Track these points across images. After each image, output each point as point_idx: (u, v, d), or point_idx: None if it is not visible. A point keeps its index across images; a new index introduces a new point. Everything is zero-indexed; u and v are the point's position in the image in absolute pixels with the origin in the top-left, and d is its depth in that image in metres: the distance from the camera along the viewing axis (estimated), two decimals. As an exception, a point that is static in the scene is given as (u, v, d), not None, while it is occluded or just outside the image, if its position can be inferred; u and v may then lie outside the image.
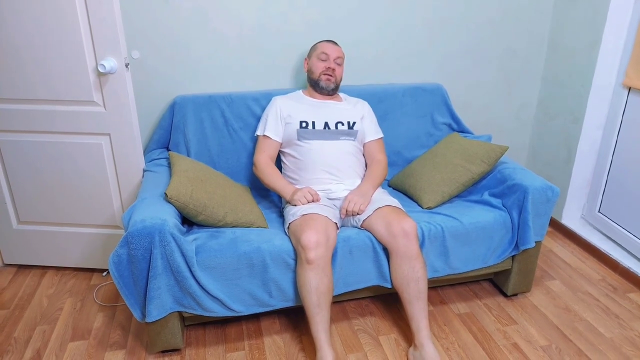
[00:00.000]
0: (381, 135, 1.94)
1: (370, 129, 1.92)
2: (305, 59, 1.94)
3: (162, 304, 1.49)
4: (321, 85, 1.86)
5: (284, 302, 1.62)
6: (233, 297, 1.56)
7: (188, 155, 1.98)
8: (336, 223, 1.64)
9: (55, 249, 2.02)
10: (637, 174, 2.06)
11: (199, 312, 1.55)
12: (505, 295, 1.93)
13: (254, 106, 2.01)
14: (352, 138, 1.85)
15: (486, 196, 1.86)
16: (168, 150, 2.02)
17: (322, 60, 1.85)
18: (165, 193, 1.57)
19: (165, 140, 2.01)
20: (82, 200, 1.91)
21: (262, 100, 2.02)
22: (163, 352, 1.63)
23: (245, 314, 1.60)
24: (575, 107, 2.25)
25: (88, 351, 1.63)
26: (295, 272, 1.57)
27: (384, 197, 1.74)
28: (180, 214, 1.61)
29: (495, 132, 2.49)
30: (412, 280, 1.57)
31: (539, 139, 2.50)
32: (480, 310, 1.85)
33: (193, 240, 1.54)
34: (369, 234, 1.64)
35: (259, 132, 1.88)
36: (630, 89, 2.07)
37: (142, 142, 2.07)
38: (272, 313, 1.81)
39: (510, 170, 1.85)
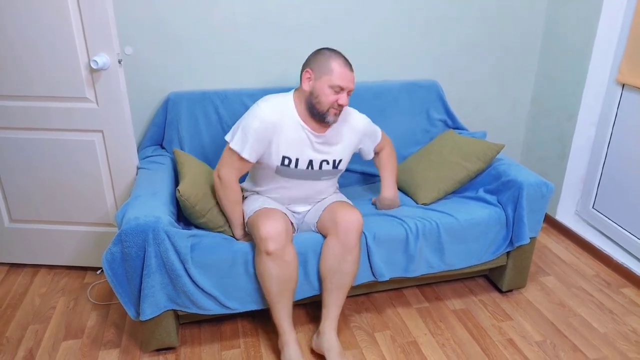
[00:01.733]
0: (379, 132, 1.80)
1: (373, 143, 1.79)
2: (307, 70, 1.54)
3: (156, 302, 1.48)
4: (327, 120, 1.54)
5: (280, 299, 1.61)
6: (228, 295, 1.56)
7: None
8: (292, 224, 1.63)
9: (47, 247, 1.99)
10: (631, 170, 2.07)
11: (194, 310, 1.54)
12: (500, 291, 1.94)
13: (248, 102, 1.99)
14: (333, 176, 1.69)
15: (481, 193, 1.86)
16: (162, 147, 2.00)
17: (335, 93, 1.52)
18: (177, 189, 1.56)
19: (159, 137, 1.99)
20: (75, 197, 1.88)
21: (257, 97, 2.00)
22: (158, 350, 1.62)
23: (241, 311, 1.59)
24: (569, 103, 2.25)
25: (82, 350, 1.62)
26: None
27: (335, 197, 1.72)
28: (183, 212, 1.60)
29: (490, 128, 2.49)
30: (339, 272, 1.55)
31: (534, 136, 2.51)
32: (475, 306, 1.86)
33: (187, 237, 1.52)
34: (363, 232, 1.64)
35: (234, 147, 1.52)
36: (624, 85, 2.08)
37: (135, 139, 2.05)
38: (267, 310, 1.80)
39: (505, 167, 1.86)
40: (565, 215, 2.41)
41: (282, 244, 1.47)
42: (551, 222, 2.43)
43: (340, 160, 1.66)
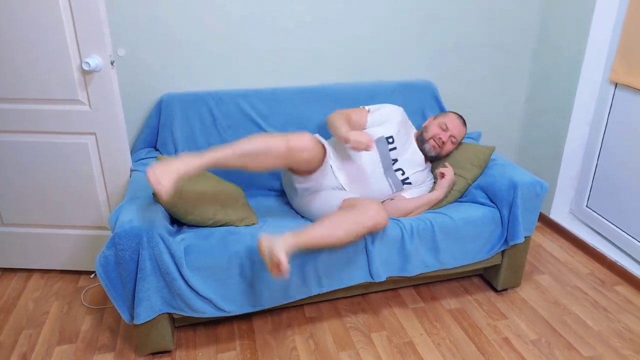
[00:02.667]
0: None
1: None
2: (432, 117, 1.98)
3: (151, 305, 1.47)
4: (426, 148, 1.88)
5: (276, 300, 1.60)
6: (224, 297, 1.55)
7: (176, 154, 1.96)
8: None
9: (41, 251, 1.98)
10: (624, 168, 2.09)
11: (189, 313, 1.53)
12: (495, 290, 1.95)
13: (243, 104, 1.99)
14: (392, 190, 1.83)
15: (476, 192, 1.87)
16: (156, 149, 1.99)
17: (442, 130, 1.87)
18: (153, 193, 1.54)
19: (152, 139, 1.98)
20: (68, 201, 1.87)
21: (252, 98, 2.00)
22: (153, 354, 1.61)
23: (237, 314, 1.58)
24: (563, 103, 2.27)
25: (76, 355, 1.60)
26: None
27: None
28: (170, 214, 1.59)
29: (484, 128, 2.50)
30: (332, 222, 1.52)
31: (528, 135, 2.52)
32: (470, 305, 1.86)
33: (181, 240, 1.52)
34: None
35: (367, 107, 1.91)
36: (617, 84, 2.09)
37: (129, 141, 2.04)
38: (263, 312, 1.80)
39: (499, 167, 1.86)
40: (559, 214, 2.42)
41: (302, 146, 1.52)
42: (545, 221, 2.45)
43: (408, 182, 1.89)
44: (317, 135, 1.73)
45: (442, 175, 1.84)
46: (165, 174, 1.35)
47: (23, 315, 1.78)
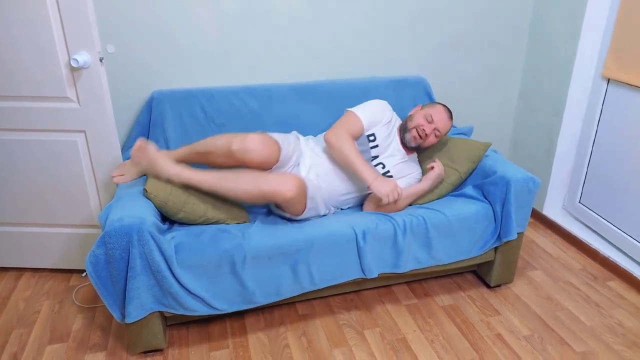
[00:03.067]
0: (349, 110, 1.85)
1: None
2: (420, 105, 1.91)
3: (142, 304, 1.46)
4: (406, 137, 1.83)
5: (268, 298, 1.60)
6: (215, 295, 1.54)
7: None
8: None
9: (31, 250, 1.96)
10: (616, 164, 2.09)
11: (181, 311, 1.52)
12: (488, 286, 1.95)
13: (235, 101, 1.97)
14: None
15: (469, 189, 1.86)
16: (147, 146, 1.98)
17: (427, 121, 1.79)
18: (144, 189, 1.53)
19: (143, 136, 1.96)
20: (58, 199, 1.85)
21: (243, 95, 1.98)
22: (145, 352, 1.60)
23: (229, 311, 1.57)
24: (556, 99, 2.27)
25: (67, 354, 1.59)
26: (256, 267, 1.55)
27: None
28: (160, 211, 1.58)
29: (477, 124, 2.50)
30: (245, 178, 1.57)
31: (521, 132, 2.52)
32: (464, 301, 1.86)
33: (171, 239, 1.51)
34: (352, 228, 1.63)
35: (355, 111, 1.78)
36: (609, 80, 2.09)
37: (119, 138, 2.02)
38: (256, 310, 1.79)
39: (492, 163, 1.86)
40: (552, 209, 2.43)
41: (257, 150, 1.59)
42: (538, 217, 2.45)
43: (389, 176, 1.88)
44: (271, 135, 1.68)
45: (432, 168, 1.83)
46: (143, 151, 1.61)
47: (14, 315, 1.76)
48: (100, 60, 1.62)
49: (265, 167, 1.62)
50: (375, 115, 1.81)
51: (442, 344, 1.65)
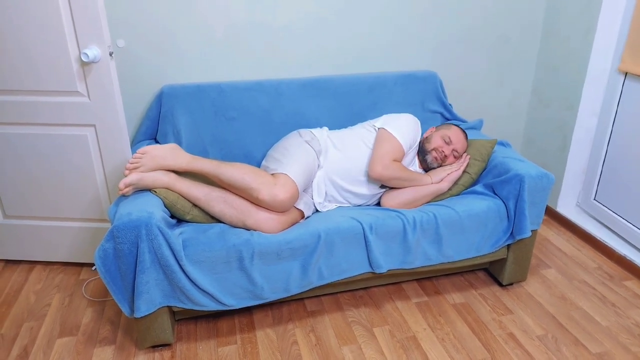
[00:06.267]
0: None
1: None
2: (434, 127, 1.92)
3: (150, 298, 1.46)
4: (428, 159, 1.84)
5: (277, 294, 1.59)
6: (224, 291, 1.53)
7: (179, 146, 1.93)
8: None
9: (42, 244, 1.97)
10: (633, 160, 2.04)
11: (190, 306, 1.52)
12: (500, 284, 1.91)
13: (244, 95, 1.96)
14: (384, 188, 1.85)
15: (480, 186, 1.83)
16: (156, 141, 1.98)
17: (445, 142, 1.83)
18: (152, 190, 1.53)
19: (153, 131, 1.96)
20: (68, 193, 1.86)
21: (254, 90, 1.97)
22: (153, 347, 1.60)
23: (237, 307, 1.57)
24: (570, 93, 2.21)
25: (76, 347, 1.60)
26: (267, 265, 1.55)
27: None
28: (169, 211, 1.58)
29: (489, 120, 2.46)
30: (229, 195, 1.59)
31: (534, 127, 2.47)
32: (475, 300, 1.83)
33: (179, 234, 1.50)
34: (358, 222, 1.62)
35: (395, 134, 1.77)
36: (626, 74, 2.04)
37: (129, 133, 2.02)
38: (264, 306, 1.78)
39: (505, 159, 1.82)
40: (566, 207, 2.38)
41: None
42: (552, 214, 2.40)
43: None
44: (298, 175, 1.63)
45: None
46: (151, 159, 1.54)
47: (25, 308, 1.78)
48: (110, 54, 1.62)
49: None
50: (412, 139, 1.83)
51: (453, 343, 1.62)
